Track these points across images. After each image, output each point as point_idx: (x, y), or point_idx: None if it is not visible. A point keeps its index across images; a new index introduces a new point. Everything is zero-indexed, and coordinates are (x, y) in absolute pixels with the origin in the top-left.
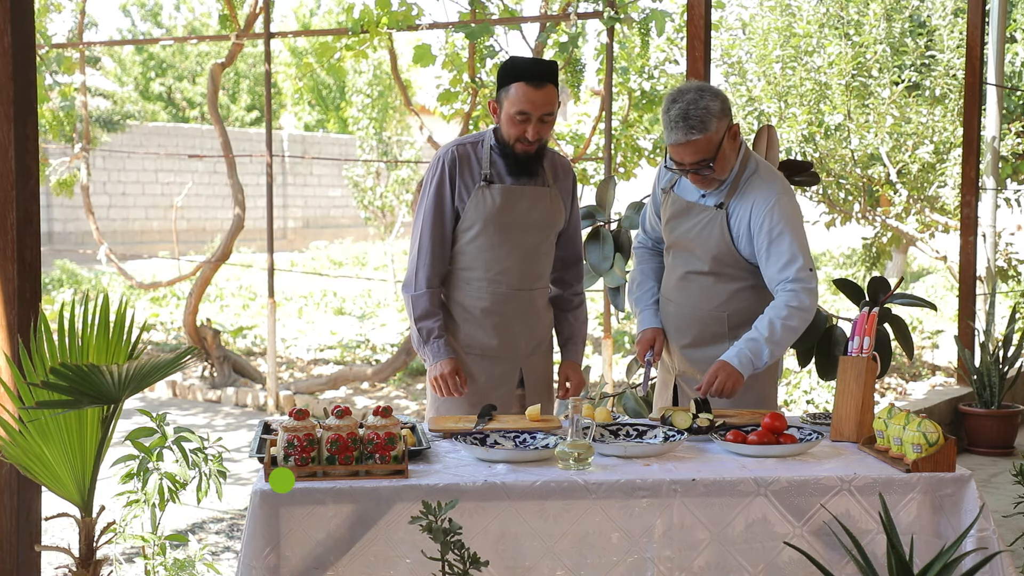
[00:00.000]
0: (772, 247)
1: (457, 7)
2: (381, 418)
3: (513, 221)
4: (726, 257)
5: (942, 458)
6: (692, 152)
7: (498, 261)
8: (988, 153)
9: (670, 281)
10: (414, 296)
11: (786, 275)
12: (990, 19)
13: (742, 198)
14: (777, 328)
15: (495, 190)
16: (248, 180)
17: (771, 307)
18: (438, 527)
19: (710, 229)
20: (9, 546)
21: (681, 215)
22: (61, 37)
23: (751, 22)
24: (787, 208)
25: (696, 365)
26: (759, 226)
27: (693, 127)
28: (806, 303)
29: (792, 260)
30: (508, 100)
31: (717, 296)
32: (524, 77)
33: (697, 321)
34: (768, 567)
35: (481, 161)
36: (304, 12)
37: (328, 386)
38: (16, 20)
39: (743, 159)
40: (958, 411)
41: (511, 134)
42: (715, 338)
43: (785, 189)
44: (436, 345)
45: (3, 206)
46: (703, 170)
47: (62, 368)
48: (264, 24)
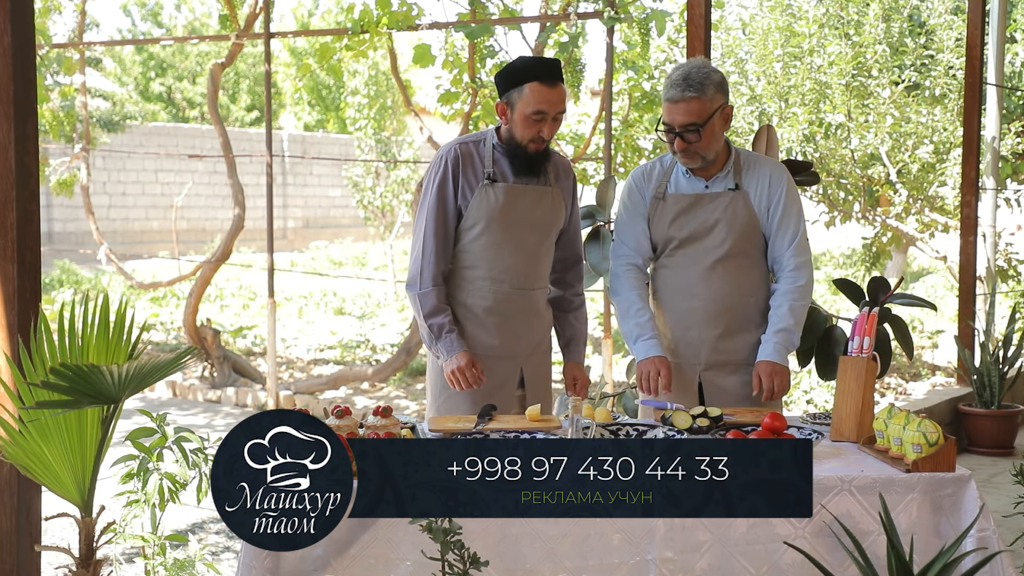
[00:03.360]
0: (785, 216)
1: (457, 7)
2: (381, 418)
3: (516, 220)
4: (753, 235)
5: (942, 458)
6: (685, 112)
7: (501, 260)
8: (988, 153)
9: (691, 276)
10: (420, 294)
11: (791, 246)
12: (990, 19)
13: (756, 176)
14: (798, 312)
15: (499, 188)
16: (248, 180)
17: (781, 293)
18: (438, 527)
19: (733, 210)
20: (9, 546)
21: (691, 208)
22: (61, 37)
23: (751, 22)
24: (793, 182)
25: (729, 355)
26: (777, 195)
27: (691, 85)
28: (809, 278)
29: (797, 228)
30: (522, 100)
31: (744, 283)
32: (538, 77)
33: (728, 310)
34: (771, 569)
35: (484, 160)
36: (303, 12)
37: (328, 386)
38: (16, 20)
39: (732, 149)
40: (958, 411)
41: (525, 134)
42: (746, 324)
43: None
44: (448, 340)
45: (3, 206)
46: (690, 135)
47: (62, 368)
48: (264, 24)
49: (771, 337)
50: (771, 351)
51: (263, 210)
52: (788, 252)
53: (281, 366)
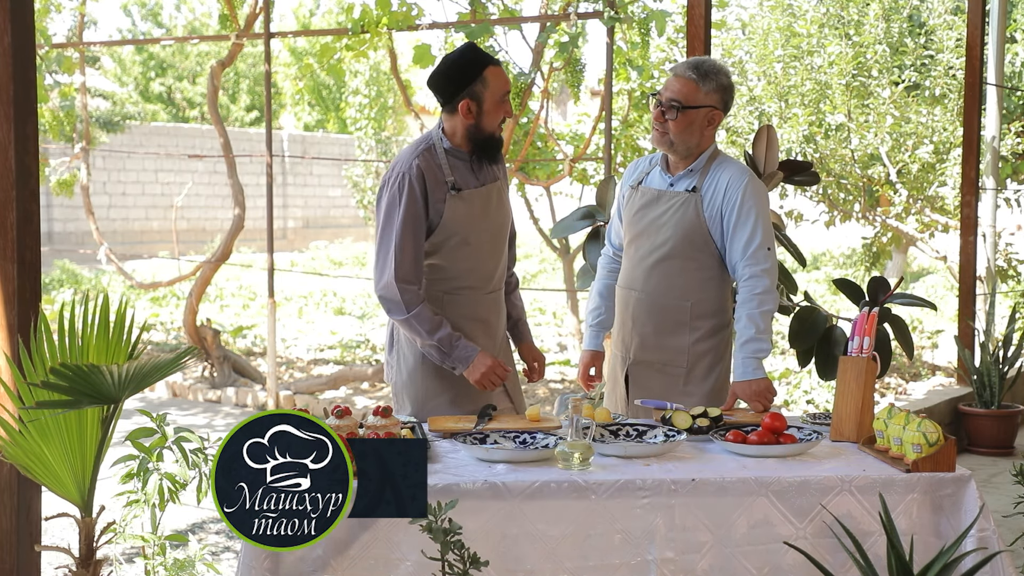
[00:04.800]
0: (739, 223)
1: (457, 7)
2: (381, 418)
3: (487, 223)
4: (697, 239)
5: (942, 458)
6: (674, 88)
7: (480, 266)
8: (988, 153)
9: (636, 271)
10: (413, 315)
11: (747, 255)
12: (990, 19)
13: (714, 180)
14: (758, 319)
15: (466, 196)
16: (248, 180)
17: (741, 303)
18: (438, 527)
19: (683, 211)
20: (9, 546)
21: (651, 204)
22: (61, 37)
23: (751, 22)
24: (758, 189)
25: (654, 354)
26: (732, 201)
27: (695, 69)
28: (768, 285)
29: (752, 237)
30: (489, 88)
31: (683, 284)
32: (487, 61)
33: (660, 310)
34: (772, 570)
35: (443, 169)
36: (303, 12)
37: (328, 386)
38: (16, 20)
39: (712, 153)
40: (958, 411)
41: (495, 119)
42: (677, 327)
43: (753, 174)
44: (461, 347)
45: (3, 206)
46: (668, 111)
47: (62, 368)
48: (264, 24)
49: (737, 354)
50: (740, 370)
51: (263, 210)
52: (743, 261)
53: (281, 366)
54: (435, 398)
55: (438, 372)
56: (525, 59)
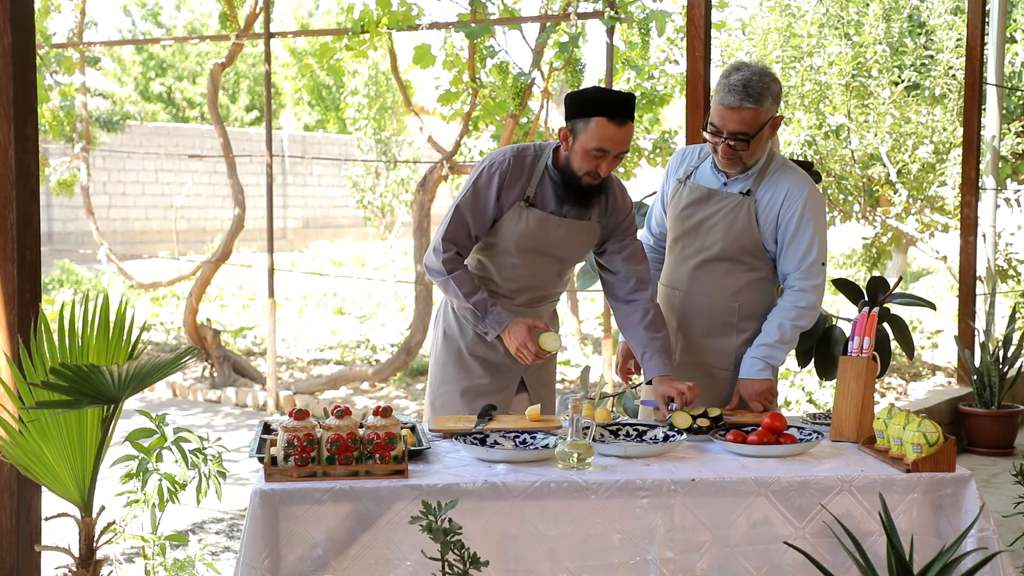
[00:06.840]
0: (797, 235)
1: (457, 7)
2: (381, 418)
3: (541, 248)
4: (747, 244)
5: (942, 458)
6: (737, 121)
7: (517, 279)
8: (988, 153)
9: (681, 270)
10: (455, 277)
11: (801, 268)
12: (990, 19)
13: (773, 187)
14: (787, 330)
15: (533, 214)
16: (248, 180)
17: (780, 308)
18: (438, 527)
19: (735, 215)
20: (9, 546)
21: (701, 202)
22: (61, 37)
23: (751, 23)
24: (818, 201)
25: (701, 355)
26: (791, 213)
27: (750, 95)
28: (813, 301)
29: (809, 252)
30: (586, 134)
31: (731, 285)
32: (607, 113)
33: (708, 311)
34: (772, 569)
35: (531, 179)
36: (303, 12)
37: (328, 386)
38: (16, 20)
39: (770, 153)
40: (958, 411)
41: (582, 167)
42: (724, 329)
43: (814, 184)
44: (496, 312)
45: (3, 206)
46: (738, 143)
47: (62, 368)
48: (264, 24)
49: (754, 351)
50: (745, 368)
51: (263, 210)
52: (795, 274)
53: (281, 366)
54: (448, 384)
55: (459, 360)
56: (525, 59)
